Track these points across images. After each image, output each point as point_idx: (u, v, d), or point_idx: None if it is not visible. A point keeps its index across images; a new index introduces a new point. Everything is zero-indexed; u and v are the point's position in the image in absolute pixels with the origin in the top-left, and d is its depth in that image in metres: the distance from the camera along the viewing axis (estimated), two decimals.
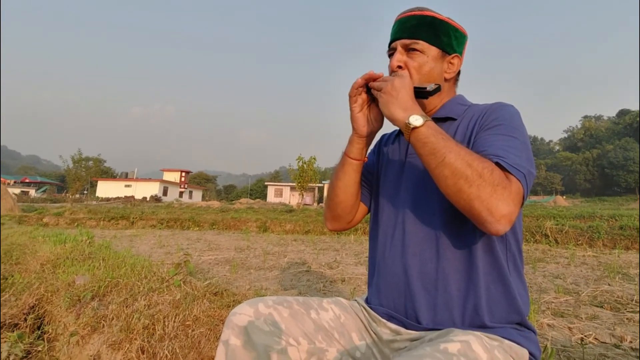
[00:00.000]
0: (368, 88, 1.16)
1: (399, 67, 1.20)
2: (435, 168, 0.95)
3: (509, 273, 1.08)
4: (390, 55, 1.25)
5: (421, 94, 1.14)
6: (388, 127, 1.19)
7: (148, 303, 2.37)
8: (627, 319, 2.71)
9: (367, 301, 1.28)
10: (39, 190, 74.20)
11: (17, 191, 64.12)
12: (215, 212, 14.63)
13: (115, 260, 3.73)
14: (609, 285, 3.84)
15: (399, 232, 1.17)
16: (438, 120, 1.21)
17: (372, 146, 1.41)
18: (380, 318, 1.18)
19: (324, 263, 5.31)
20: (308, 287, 3.84)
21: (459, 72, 1.29)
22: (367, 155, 1.30)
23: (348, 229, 1.45)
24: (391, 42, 1.25)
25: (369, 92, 1.17)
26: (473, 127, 1.13)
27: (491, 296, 1.05)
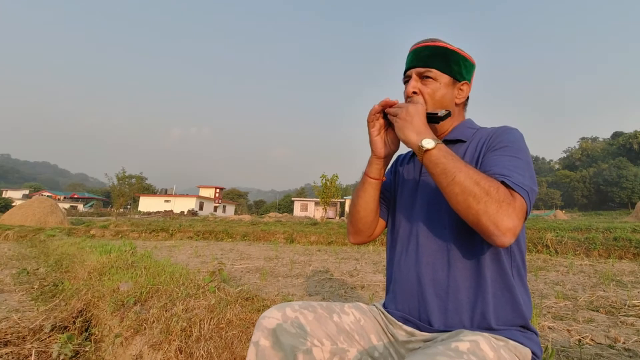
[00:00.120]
0: (384, 114, 1.19)
1: (414, 93, 1.22)
2: (446, 187, 0.98)
3: (514, 281, 1.09)
4: (405, 82, 1.28)
5: (433, 119, 1.16)
6: (403, 149, 1.22)
7: (185, 307, 2.38)
8: (621, 322, 2.70)
9: (385, 306, 1.29)
10: (87, 205, 76.00)
11: (67, 206, 65.88)
12: (246, 225, 14.69)
13: (155, 268, 3.75)
14: (604, 291, 3.80)
15: (414, 244, 1.19)
16: (449, 142, 1.23)
17: (389, 166, 1.42)
18: (396, 321, 1.19)
19: (345, 271, 5.28)
20: (331, 293, 3.84)
21: (468, 98, 1.31)
22: (385, 174, 1.32)
23: (368, 242, 1.47)
24: (406, 70, 1.27)
25: (386, 118, 1.19)
26: (481, 149, 1.14)
27: (497, 302, 1.06)
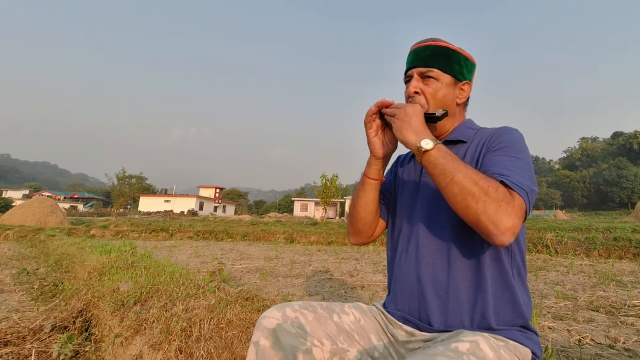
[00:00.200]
0: (381, 114, 1.18)
1: (416, 93, 1.21)
2: (445, 187, 0.97)
3: (514, 281, 1.08)
4: (406, 82, 1.27)
5: (431, 119, 1.15)
6: (403, 149, 1.21)
7: (185, 307, 2.38)
8: (621, 322, 2.70)
9: (385, 306, 1.29)
10: (87, 205, 75.97)
11: (67, 206, 65.86)
12: (246, 225, 14.68)
13: (155, 268, 3.74)
14: (604, 291, 3.80)
15: (414, 244, 1.19)
16: (449, 143, 1.23)
17: (389, 167, 1.42)
18: (396, 321, 1.19)
19: (345, 271, 5.28)
20: (331, 293, 3.83)
21: (469, 98, 1.30)
22: (385, 175, 1.32)
23: (368, 243, 1.46)
24: (407, 70, 1.26)
25: (382, 118, 1.19)
26: (481, 149, 1.14)
27: (497, 302, 1.06)
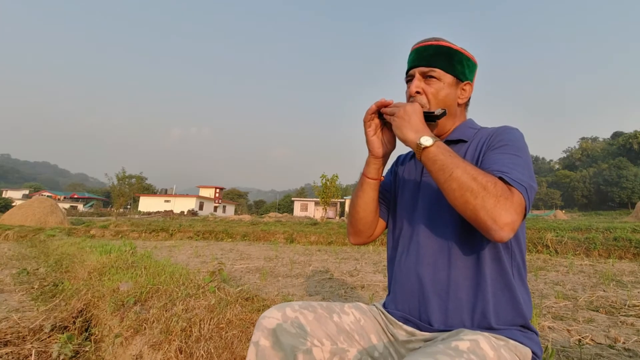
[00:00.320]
0: (380, 114, 1.18)
1: (418, 93, 1.20)
2: (444, 182, 0.97)
3: (514, 280, 1.08)
4: (408, 81, 1.26)
5: (430, 118, 1.15)
6: (402, 149, 1.21)
7: (185, 307, 2.38)
8: (621, 322, 2.70)
9: (385, 306, 1.28)
10: (87, 205, 75.98)
11: (67, 206, 65.87)
12: (246, 225, 14.68)
13: (155, 268, 3.74)
14: (604, 291, 3.80)
15: (414, 244, 1.19)
16: (450, 142, 1.23)
17: (389, 166, 1.41)
18: (396, 321, 1.18)
19: (345, 271, 5.28)
20: (331, 293, 3.83)
21: (470, 98, 1.30)
22: (384, 174, 1.31)
23: (368, 243, 1.46)
24: (409, 70, 1.25)
25: (381, 117, 1.19)
26: (482, 148, 1.14)
27: (498, 301, 1.06)
